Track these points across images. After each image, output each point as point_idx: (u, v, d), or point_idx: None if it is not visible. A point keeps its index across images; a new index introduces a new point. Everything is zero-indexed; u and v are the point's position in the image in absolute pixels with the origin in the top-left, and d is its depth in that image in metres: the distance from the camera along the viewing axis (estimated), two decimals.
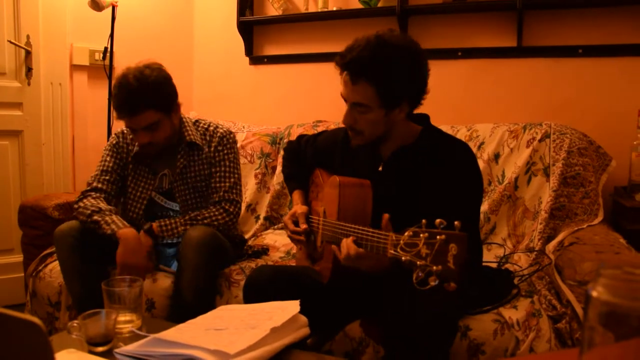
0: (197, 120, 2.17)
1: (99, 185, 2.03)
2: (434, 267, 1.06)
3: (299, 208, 1.83)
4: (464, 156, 1.58)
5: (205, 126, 2.15)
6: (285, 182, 2.11)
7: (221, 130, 2.14)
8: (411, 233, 1.14)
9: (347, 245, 1.39)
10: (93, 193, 2.01)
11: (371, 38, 1.49)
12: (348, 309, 1.68)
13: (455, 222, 1.06)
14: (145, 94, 1.88)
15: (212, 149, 2.11)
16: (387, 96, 1.49)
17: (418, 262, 1.09)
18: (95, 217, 1.90)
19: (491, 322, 1.59)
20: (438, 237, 1.07)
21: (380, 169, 1.65)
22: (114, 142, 2.12)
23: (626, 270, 0.59)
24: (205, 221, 1.99)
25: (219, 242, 1.96)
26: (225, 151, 2.12)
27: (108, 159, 2.09)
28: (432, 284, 1.06)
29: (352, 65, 1.48)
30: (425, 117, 1.68)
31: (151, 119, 1.91)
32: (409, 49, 1.51)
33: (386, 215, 1.33)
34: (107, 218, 1.89)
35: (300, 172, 2.00)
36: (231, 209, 2.06)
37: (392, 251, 1.20)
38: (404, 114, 1.56)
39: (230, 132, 2.17)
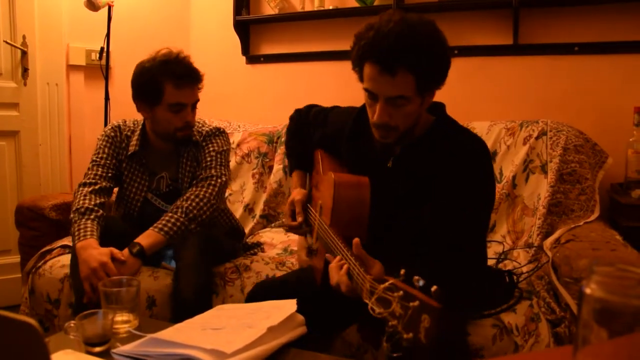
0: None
1: (99, 180, 1.98)
2: (404, 335, 0.94)
3: (297, 194, 1.74)
4: (478, 157, 1.45)
5: (199, 127, 2.12)
6: (287, 157, 2.00)
7: (206, 129, 2.12)
8: (387, 285, 1.02)
9: (339, 279, 1.29)
10: (89, 188, 1.95)
11: (393, 21, 1.35)
12: (344, 314, 1.63)
13: (433, 288, 0.93)
14: (197, 70, 2.02)
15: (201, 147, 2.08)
16: (424, 82, 1.36)
17: (390, 323, 0.98)
18: (75, 220, 1.86)
19: (490, 327, 1.57)
20: (411, 303, 0.94)
21: (389, 164, 1.54)
22: (112, 134, 2.06)
23: (619, 267, 0.59)
24: (201, 204, 1.92)
25: (212, 235, 1.97)
26: (206, 143, 2.08)
27: (107, 150, 2.04)
28: (404, 344, 0.94)
29: (387, 55, 1.32)
30: (440, 106, 1.55)
31: (197, 95, 2.03)
32: (433, 27, 1.40)
33: (356, 240, 1.26)
34: (82, 225, 1.83)
35: (303, 148, 1.88)
36: (214, 182, 1.99)
37: (367, 299, 1.09)
38: (431, 101, 1.47)
39: (218, 129, 2.14)
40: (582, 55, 2.61)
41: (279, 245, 2.41)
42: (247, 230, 2.69)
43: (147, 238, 1.83)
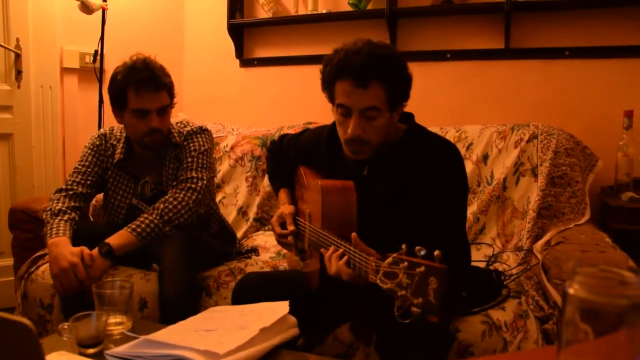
0: (176, 122, 2.16)
1: (74, 186, 2.01)
2: (415, 300, 1.02)
3: (286, 208, 1.81)
4: (449, 157, 1.55)
5: (181, 128, 2.12)
6: (270, 182, 2.09)
7: (188, 129, 2.11)
8: (391, 260, 1.10)
9: (339, 268, 1.35)
10: (64, 193, 1.98)
11: (360, 42, 1.47)
12: (337, 312, 1.67)
13: (435, 252, 1.01)
14: (162, 76, 1.95)
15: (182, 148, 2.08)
16: (394, 96, 1.48)
17: (399, 293, 1.05)
18: (48, 220, 1.89)
19: (479, 324, 1.60)
20: (417, 269, 1.02)
21: (365, 172, 1.61)
22: (97, 143, 2.10)
23: (602, 268, 0.61)
24: (179, 207, 1.91)
25: (195, 237, 1.96)
26: (187, 143, 2.07)
27: (90, 158, 2.07)
28: (415, 312, 1.02)
29: (361, 69, 1.43)
30: (409, 116, 1.65)
31: (165, 101, 1.97)
32: (396, 50, 1.54)
33: (353, 235, 1.32)
34: (54, 224, 1.86)
35: (284, 170, 1.98)
36: (194, 185, 1.98)
37: (373, 277, 1.16)
38: (397, 118, 1.57)
39: (200, 128, 2.13)
40: (572, 59, 2.64)
41: (272, 248, 2.42)
42: (240, 234, 2.70)
43: (118, 238, 1.84)
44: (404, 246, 1.10)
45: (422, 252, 1.04)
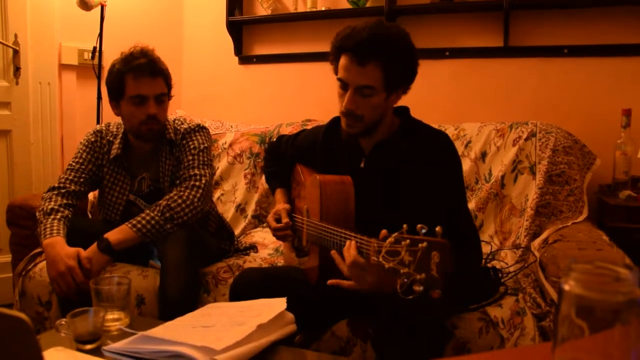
0: (174, 119, 2.15)
1: (67, 184, 2.00)
2: (417, 276, 1.03)
3: (281, 205, 1.82)
4: (445, 148, 1.57)
5: (178, 125, 2.11)
6: (267, 182, 2.11)
7: (185, 126, 2.10)
8: (392, 240, 1.11)
9: (352, 255, 1.34)
10: (56, 191, 1.97)
11: (370, 22, 1.50)
12: (335, 308, 1.68)
13: (437, 228, 1.03)
14: (159, 62, 1.97)
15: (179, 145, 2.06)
16: (391, 78, 1.49)
17: (401, 270, 1.07)
18: (41, 220, 1.88)
19: (476, 321, 1.60)
20: (420, 244, 1.04)
21: (362, 165, 1.63)
22: (92, 139, 2.09)
23: (597, 264, 0.61)
24: (183, 206, 1.89)
25: (197, 235, 1.96)
26: (186, 141, 2.06)
27: (84, 155, 2.06)
28: (417, 289, 1.03)
29: (360, 46, 1.45)
30: (404, 110, 1.67)
31: (162, 88, 1.97)
32: (405, 34, 1.54)
33: (384, 232, 1.30)
34: (48, 224, 1.85)
35: (281, 170, 1.99)
36: (197, 183, 1.96)
37: (375, 258, 1.17)
38: (396, 102, 1.59)
39: (198, 125, 2.12)
40: (571, 57, 2.64)
41: (270, 245, 2.42)
42: (239, 231, 2.70)
43: (117, 233, 1.83)
44: (405, 226, 1.11)
45: (424, 230, 1.06)
